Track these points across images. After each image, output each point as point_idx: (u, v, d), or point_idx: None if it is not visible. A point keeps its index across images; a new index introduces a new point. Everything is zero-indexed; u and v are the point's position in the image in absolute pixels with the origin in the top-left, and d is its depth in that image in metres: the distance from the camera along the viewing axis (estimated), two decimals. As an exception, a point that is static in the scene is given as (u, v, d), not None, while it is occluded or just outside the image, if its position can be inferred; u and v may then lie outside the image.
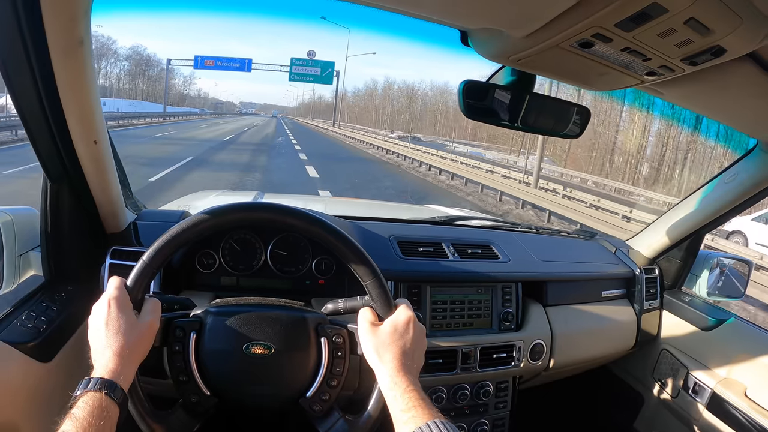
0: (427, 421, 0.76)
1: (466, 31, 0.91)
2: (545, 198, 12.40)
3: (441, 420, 0.76)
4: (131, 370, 0.82)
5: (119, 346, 0.81)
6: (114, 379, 0.76)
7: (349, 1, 0.83)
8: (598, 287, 1.75)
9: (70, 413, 0.71)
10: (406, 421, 0.78)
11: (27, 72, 0.90)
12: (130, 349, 0.81)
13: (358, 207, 3.00)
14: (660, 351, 1.83)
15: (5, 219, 1.17)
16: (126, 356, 0.81)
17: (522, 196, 13.12)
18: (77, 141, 1.05)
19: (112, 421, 0.73)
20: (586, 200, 12.69)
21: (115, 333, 0.81)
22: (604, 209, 11.87)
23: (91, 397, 0.73)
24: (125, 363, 0.80)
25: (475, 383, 1.47)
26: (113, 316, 0.83)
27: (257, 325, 0.94)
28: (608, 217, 10.95)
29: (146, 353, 0.86)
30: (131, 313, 0.85)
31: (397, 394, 0.82)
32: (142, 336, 0.85)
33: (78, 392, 0.74)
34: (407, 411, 0.79)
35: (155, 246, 0.91)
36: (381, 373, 0.87)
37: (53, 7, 0.81)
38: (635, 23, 0.69)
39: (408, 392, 0.82)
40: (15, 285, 1.19)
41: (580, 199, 12.98)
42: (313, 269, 1.41)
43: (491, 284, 1.53)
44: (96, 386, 0.74)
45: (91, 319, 0.85)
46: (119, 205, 1.28)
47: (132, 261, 1.20)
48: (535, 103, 1.10)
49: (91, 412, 0.71)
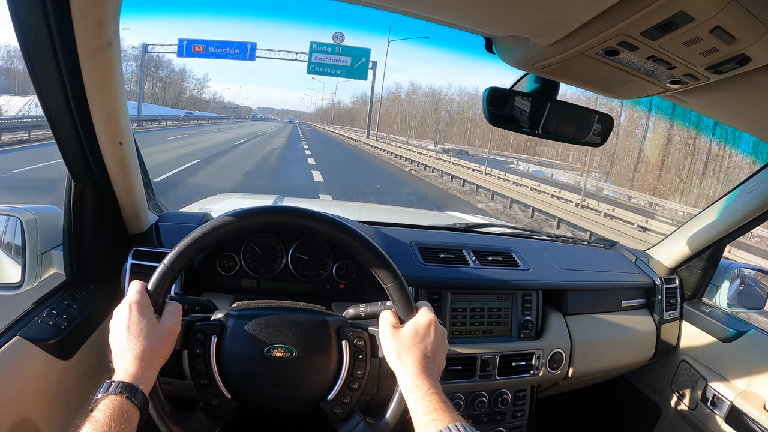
0: (448, 424, 0.76)
1: (491, 39, 0.92)
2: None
3: (462, 423, 0.76)
4: (152, 373, 0.83)
5: (141, 349, 0.82)
6: (135, 383, 0.78)
7: (375, 7, 0.84)
8: (618, 297, 1.74)
9: (91, 416, 0.72)
10: (427, 424, 0.78)
11: (55, 73, 0.92)
12: (151, 353, 0.83)
13: (378, 212, 3.01)
14: (679, 362, 1.82)
15: (29, 217, 1.19)
16: (147, 360, 0.82)
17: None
18: (103, 142, 1.07)
19: (132, 424, 0.74)
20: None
21: (137, 337, 0.83)
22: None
23: (112, 401, 0.74)
24: (146, 366, 0.81)
25: (494, 391, 1.47)
26: (134, 320, 0.84)
27: (278, 329, 0.95)
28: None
29: (168, 356, 0.87)
30: (152, 316, 0.87)
31: (418, 396, 0.83)
32: (164, 339, 0.86)
33: (99, 395, 0.75)
34: (428, 414, 0.79)
35: (176, 250, 0.92)
36: (402, 375, 0.88)
37: (83, 9, 0.83)
38: (661, 32, 0.69)
39: (429, 395, 0.82)
40: (36, 282, 1.21)
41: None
42: (334, 274, 1.42)
43: (512, 292, 1.53)
44: (117, 390, 0.75)
45: (112, 323, 0.87)
46: (142, 207, 1.30)
47: (153, 262, 1.22)
48: (558, 110, 1.11)
49: (112, 416, 0.72)
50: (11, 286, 1.20)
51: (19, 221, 1.18)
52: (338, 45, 44.08)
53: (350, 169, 22.02)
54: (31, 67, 0.91)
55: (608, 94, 1.05)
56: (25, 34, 0.86)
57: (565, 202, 13.03)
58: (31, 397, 1.01)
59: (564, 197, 13.76)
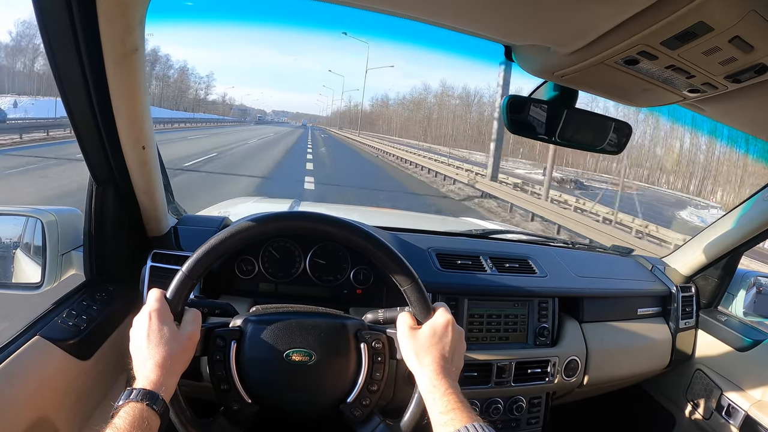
0: (466, 424, 0.77)
1: (510, 47, 0.93)
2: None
3: (480, 423, 0.77)
4: (173, 380, 0.84)
5: (161, 357, 0.83)
6: (156, 390, 0.79)
7: (397, 15, 0.85)
8: (634, 304, 1.75)
9: (111, 423, 0.73)
10: (445, 423, 0.79)
11: (80, 78, 0.94)
12: (171, 360, 0.84)
13: (395, 218, 3.02)
14: (694, 371, 1.82)
15: (49, 219, 1.21)
16: (168, 367, 0.83)
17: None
18: (126, 145, 1.09)
19: (152, 431, 0.76)
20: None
21: (157, 344, 0.84)
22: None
23: (133, 408, 0.75)
24: (167, 374, 0.82)
25: (509, 398, 1.49)
26: (154, 327, 0.85)
27: (297, 333, 0.96)
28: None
29: (188, 363, 0.89)
30: (172, 324, 0.88)
31: (436, 396, 0.84)
32: (184, 347, 0.87)
33: (120, 402, 0.77)
34: (446, 413, 0.80)
35: (194, 257, 0.93)
36: (420, 376, 0.89)
37: (109, 16, 0.85)
38: (681, 41, 0.70)
39: (447, 395, 0.83)
40: (56, 283, 1.23)
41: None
42: (351, 279, 1.44)
43: (528, 299, 1.54)
44: (138, 397, 0.77)
45: (132, 331, 0.88)
46: (162, 210, 1.32)
47: (172, 264, 1.24)
48: (576, 117, 1.12)
49: (132, 423, 0.73)
50: (31, 286, 1.22)
51: (40, 222, 1.21)
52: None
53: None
54: (56, 71, 0.93)
55: (626, 102, 1.06)
56: (52, 40, 0.88)
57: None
58: (50, 396, 1.02)
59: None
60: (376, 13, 0.89)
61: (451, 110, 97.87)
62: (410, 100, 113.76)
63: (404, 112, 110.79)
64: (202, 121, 58.20)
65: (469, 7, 0.79)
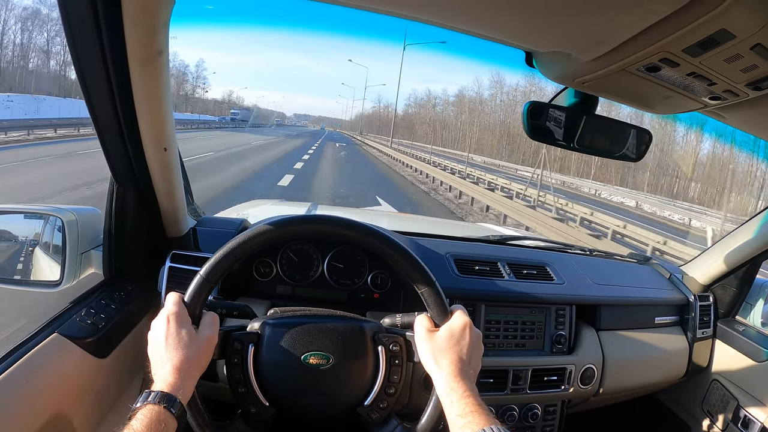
0: (484, 427, 0.78)
1: (532, 53, 0.94)
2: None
3: (498, 426, 0.78)
4: (191, 384, 0.85)
5: (179, 360, 0.84)
6: (173, 393, 0.80)
7: (420, 21, 0.87)
8: (651, 313, 1.75)
9: (129, 424, 0.75)
10: (462, 426, 0.81)
11: (104, 80, 0.97)
12: (189, 363, 0.85)
13: (413, 223, 3.05)
14: (710, 382, 1.82)
15: (70, 218, 1.24)
16: (186, 370, 0.84)
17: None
18: (148, 147, 1.11)
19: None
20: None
21: (175, 348, 0.85)
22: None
23: (150, 410, 0.76)
24: (185, 377, 0.84)
25: (524, 405, 1.50)
26: (172, 331, 0.87)
27: (315, 336, 0.97)
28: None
29: (206, 367, 0.90)
30: (190, 327, 0.89)
31: (454, 399, 0.85)
32: (202, 350, 0.89)
33: (137, 404, 0.78)
34: (464, 416, 0.82)
35: (213, 260, 0.95)
36: (438, 378, 0.90)
37: (135, 19, 0.88)
38: (703, 49, 0.71)
39: (465, 398, 0.84)
40: (75, 281, 1.26)
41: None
42: (369, 283, 1.45)
43: (545, 306, 1.55)
44: (155, 399, 0.78)
45: (150, 335, 0.90)
46: (182, 211, 1.35)
47: (191, 265, 1.26)
48: (596, 124, 1.13)
49: (149, 425, 0.74)
50: (51, 283, 1.24)
51: (60, 221, 1.23)
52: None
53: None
54: (80, 73, 0.96)
55: (646, 110, 1.08)
56: (77, 42, 0.91)
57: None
58: (67, 393, 1.04)
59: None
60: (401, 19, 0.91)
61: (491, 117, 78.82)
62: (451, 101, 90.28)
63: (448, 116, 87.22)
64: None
65: (492, 13, 0.80)
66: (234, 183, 13.21)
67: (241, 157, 21.38)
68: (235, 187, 12.43)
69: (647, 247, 9.45)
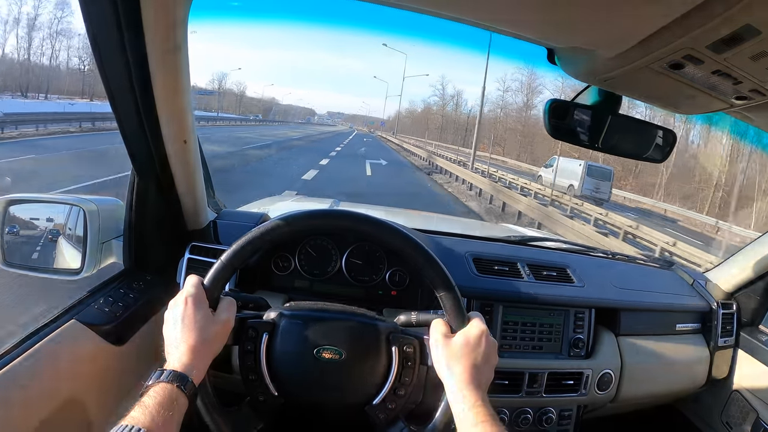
0: None
1: (553, 49, 0.95)
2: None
3: None
4: (204, 365, 0.88)
5: (194, 341, 0.87)
6: (186, 373, 0.82)
7: (443, 17, 0.88)
8: (672, 320, 1.74)
9: (141, 401, 0.77)
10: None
11: (124, 74, 1.00)
12: (204, 345, 0.88)
13: (433, 221, 3.05)
14: (730, 392, 1.80)
15: (91, 208, 1.27)
16: (200, 351, 0.87)
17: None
18: (168, 140, 1.15)
19: (179, 412, 0.79)
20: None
21: (191, 329, 0.88)
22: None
23: (162, 388, 0.79)
24: (199, 358, 0.86)
25: (539, 409, 1.49)
26: (190, 312, 0.89)
27: (329, 331, 0.99)
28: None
29: (219, 350, 0.92)
30: (208, 310, 0.92)
31: (465, 407, 0.86)
32: (217, 333, 0.91)
33: (150, 382, 0.80)
34: (474, 426, 0.82)
35: (235, 247, 0.97)
36: (450, 385, 0.91)
37: (155, 13, 0.91)
38: (727, 45, 0.71)
39: (476, 407, 0.85)
40: (95, 270, 1.29)
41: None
42: (387, 280, 1.47)
43: (564, 308, 1.55)
44: (168, 378, 0.80)
45: (167, 314, 0.92)
46: (202, 204, 1.37)
47: (210, 257, 1.29)
48: (619, 123, 1.13)
49: (161, 402, 0.76)
50: (71, 271, 1.28)
51: (82, 211, 1.27)
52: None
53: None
54: (101, 66, 0.99)
55: (671, 109, 1.07)
56: (97, 36, 0.94)
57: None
58: (83, 379, 1.07)
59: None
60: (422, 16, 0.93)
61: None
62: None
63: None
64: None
65: (513, 9, 0.82)
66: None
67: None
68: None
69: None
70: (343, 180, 16.31)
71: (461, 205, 15.01)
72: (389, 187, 16.46)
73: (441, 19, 0.91)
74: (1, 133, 16.82)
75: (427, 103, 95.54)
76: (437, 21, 1.22)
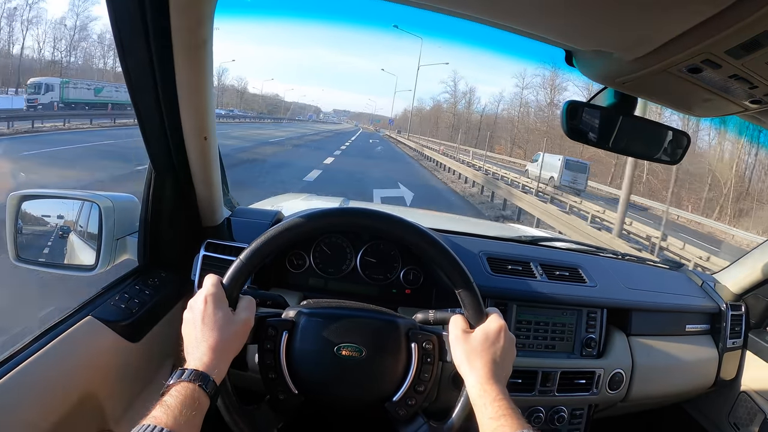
0: (517, 430, 0.80)
1: (572, 52, 0.96)
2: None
3: (530, 430, 0.80)
4: (225, 364, 0.88)
5: (215, 340, 0.87)
6: (208, 372, 0.83)
7: (462, 17, 0.89)
8: (682, 320, 1.75)
9: (162, 400, 0.77)
10: (495, 429, 0.82)
11: (147, 69, 1.01)
12: (224, 344, 0.88)
13: (445, 221, 3.05)
14: (738, 393, 1.81)
15: (107, 204, 1.28)
16: (221, 351, 0.87)
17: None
18: (188, 136, 1.16)
19: (201, 412, 0.79)
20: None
21: (212, 328, 0.88)
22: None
23: (184, 387, 0.79)
24: (219, 357, 0.86)
25: (551, 407, 1.51)
26: (209, 311, 0.89)
27: (349, 329, 1.00)
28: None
29: (239, 349, 0.93)
30: (227, 309, 0.92)
31: (487, 401, 0.87)
32: (237, 332, 0.91)
33: (171, 381, 0.80)
34: (496, 419, 0.83)
35: (253, 246, 0.98)
36: (470, 380, 0.92)
37: (182, 8, 0.91)
38: (746, 51, 0.71)
39: (497, 401, 0.86)
40: (110, 266, 1.30)
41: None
42: (401, 279, 1.48)
43: (577, 308, 1.56)
44: (190, 377, 0.80)
45: (187, 314, 0.92)
46: (218, 201, 1.38)
47: (225, 255, 1.29)
48: (635, 125, 1.14)
49: (183, 402, 0.76)
50: (86, 268, 1.29)
51: (97, 207, 1.27)
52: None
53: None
54: (124, 62, 1.00)
55: (685, 112, 1.08)
56: (122, 30, 0.95)
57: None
58: (98, 374, 1.07)
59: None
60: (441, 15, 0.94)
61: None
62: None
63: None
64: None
65: (534, 11, 0.82)
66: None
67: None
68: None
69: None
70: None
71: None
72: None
73: (450, 17, 0.92)
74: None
75: (436, 101, 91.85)
76: (446, 18, 1.22)
